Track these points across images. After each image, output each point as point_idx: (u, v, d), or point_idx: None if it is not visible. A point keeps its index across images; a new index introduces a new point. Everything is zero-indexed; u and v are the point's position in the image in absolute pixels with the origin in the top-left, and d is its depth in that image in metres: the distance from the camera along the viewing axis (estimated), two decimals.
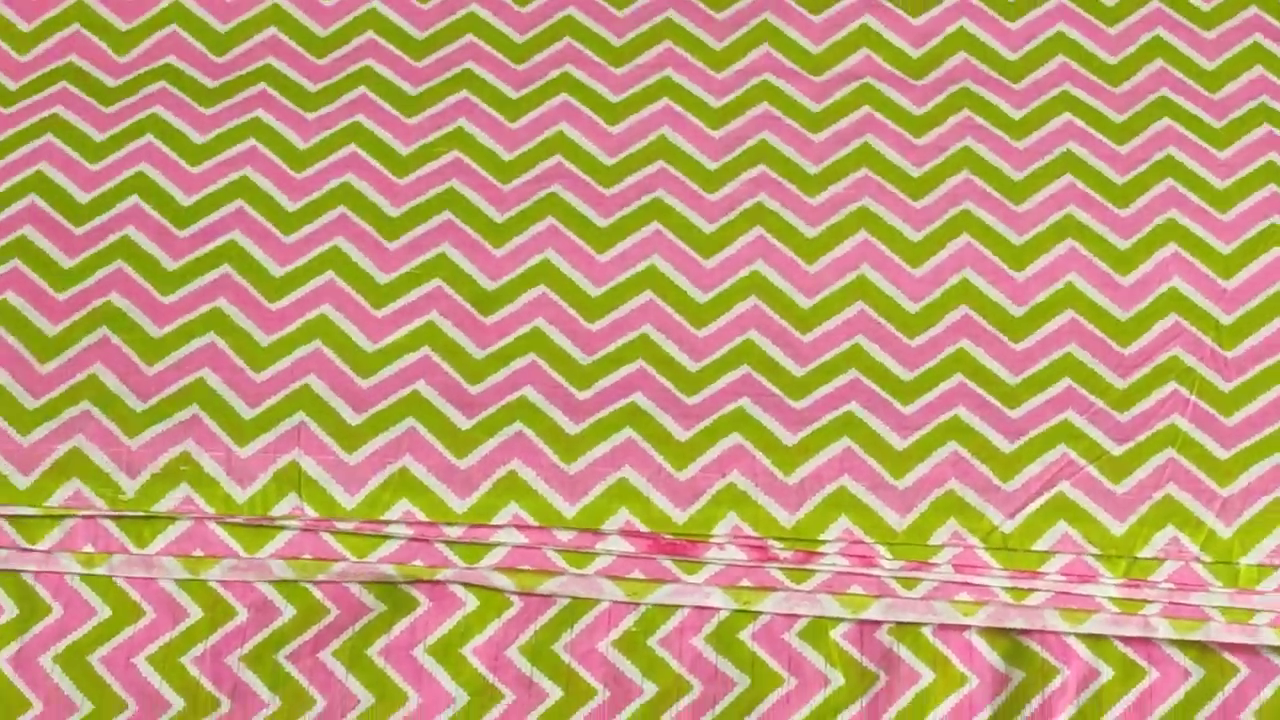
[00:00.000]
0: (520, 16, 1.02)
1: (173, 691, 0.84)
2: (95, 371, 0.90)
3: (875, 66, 1.00)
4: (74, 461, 0.88)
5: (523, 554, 0.87)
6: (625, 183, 0.97)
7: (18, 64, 1.01)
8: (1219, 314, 0.92)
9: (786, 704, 0.84)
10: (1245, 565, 0.85)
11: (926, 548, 0.86)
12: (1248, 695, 0.85)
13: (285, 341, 0.92)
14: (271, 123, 0.99)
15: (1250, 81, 1.00)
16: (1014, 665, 0.86)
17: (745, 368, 0.91)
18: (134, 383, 0.90)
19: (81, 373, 0.90)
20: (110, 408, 0.89)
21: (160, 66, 1.01)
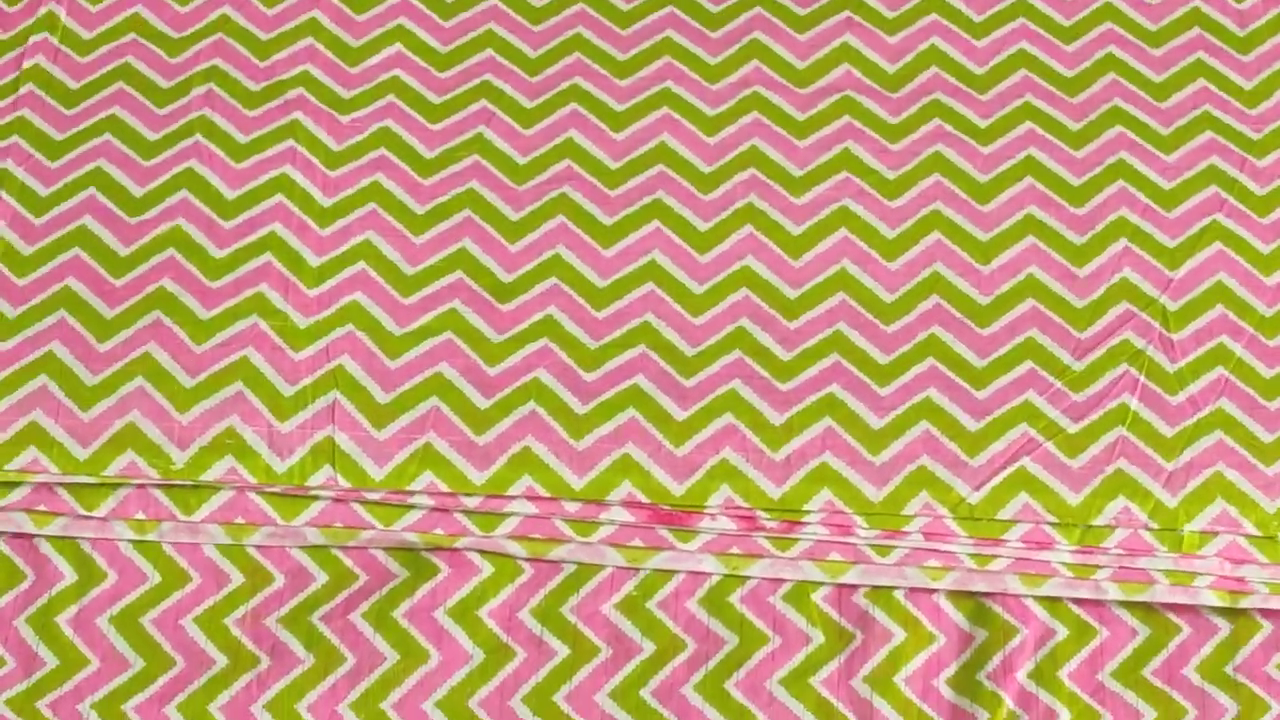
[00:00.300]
0: (534, 34, 1.04)
1: (217, 650, 0.87)
2: (149, 350, 0.93)
3: (855, 80, 1.03)
4: (129, 435, 0.91)
5: (534, 523, 0.90)
6: (628, 185, 0.99)
7: (78, 65, 1.03)
8: (1166, 301, 0.95)
9: (772, 661, 0.87)
10: (1188, 532, 0.89)
11: (900, 518, 0.90)
12: (1189, 652, 0.87)
13: (321, 325, 0.94)
14: (309, 125, 1.01)
15: (1194, 93, 1.02)
16: (978, 625, 0.88)
17: (737, 353, 0.94)
18: (184, 361, 0.92)
19: (136, 352, 0.93)
20: (162, 385, 0.92)
21: (208, 68, 1.03)
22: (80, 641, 0.88)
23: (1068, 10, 1.05)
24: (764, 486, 0.90)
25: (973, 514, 0.89)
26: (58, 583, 0.89)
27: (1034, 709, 0.87)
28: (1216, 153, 1.00)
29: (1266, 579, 0.89)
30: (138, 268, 0.96)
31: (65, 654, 0.87)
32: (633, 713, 0.86)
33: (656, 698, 0.87)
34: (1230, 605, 0.89)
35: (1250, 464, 0.91)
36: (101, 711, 0.86)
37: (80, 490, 0.90)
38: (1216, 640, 0.89)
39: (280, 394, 0.91)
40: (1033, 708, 0.87)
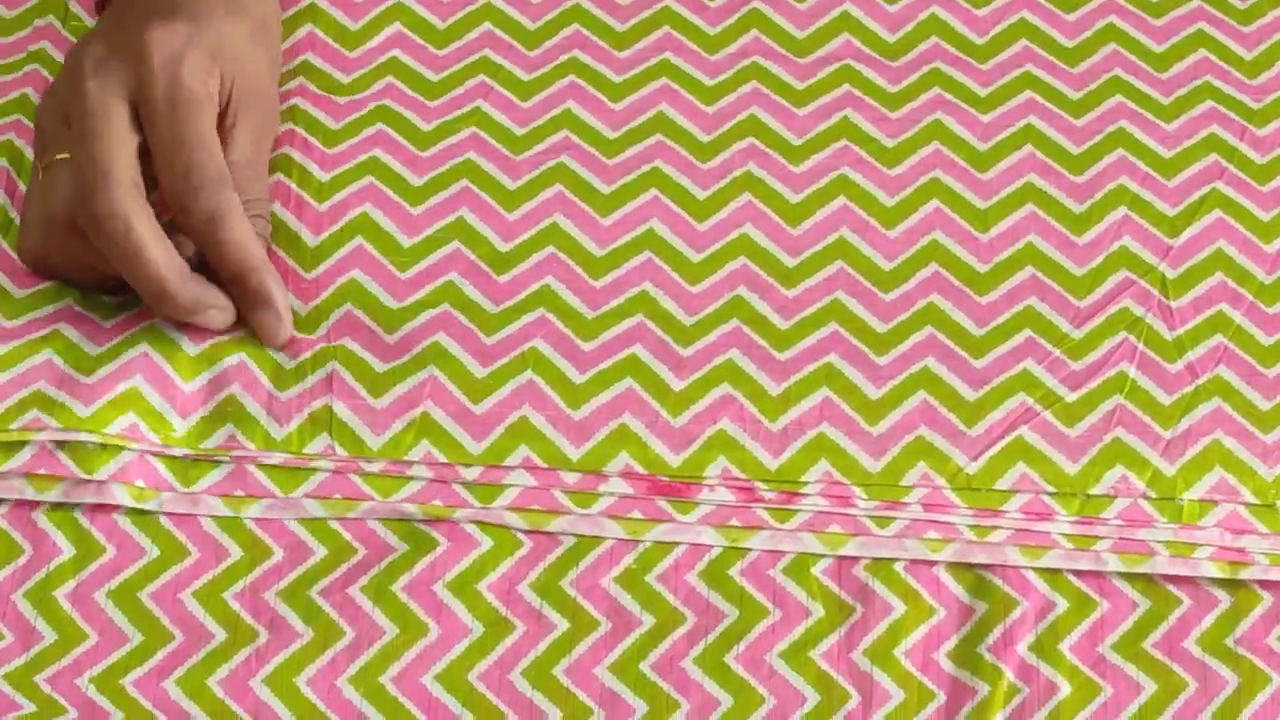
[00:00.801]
0: (532, 6, 1.03)
1: (216, 624, 0.86)
2: (156, 322, 0.92)
3: (854, 49, 1.02)
4: (131, 398, 0.89)
5: (533, 495, 0.89)
6: (626, 154, 0.98)
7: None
8: (1165, 268, 0.94)
9: (772, 634, 0.86)
10: (1188, 501, 0.88)
11: (898, 488, 0.89)
12: (1189, 625, 0.86)
13: (323, 306, 0.93)
14: (308, 109, 1.00)
15: (1195, 63, 1.01)
16: (978, 598, 0.87)
17: (735, 322, 0.93)
18: (188, 329, 0.91)
19: (141, 325, 0.92)
20: (167, 351, 0.91)
21: None
22: (78, 616, 0.87)
23: (1069, 29, 1.04)
24: (761, 457, 0.89)
25: (970, 484, 0.89)
26: (55, 557, 0.88)
27: (1035, 682, 0.85)
28: (1217, 121, 0.99)
29: (1266, 549, 0.88)
30: None
31: (63, 628, 0.86)
32: (632, 686, 0.85)
33: (656, 671, 0.86)
34: (1230, 577, 0.88)
35: (1248, 431, 0.90)
36: (100, 686, 0.85)
37: (80, 453, 0.88)
38: (1217, 613, 0.87)
39: (281, 366, 0.91)
40: (1033, 680, 0.86)
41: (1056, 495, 0.88)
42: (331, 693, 0.85)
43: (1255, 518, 0.88)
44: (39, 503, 0.89)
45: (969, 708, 0.85)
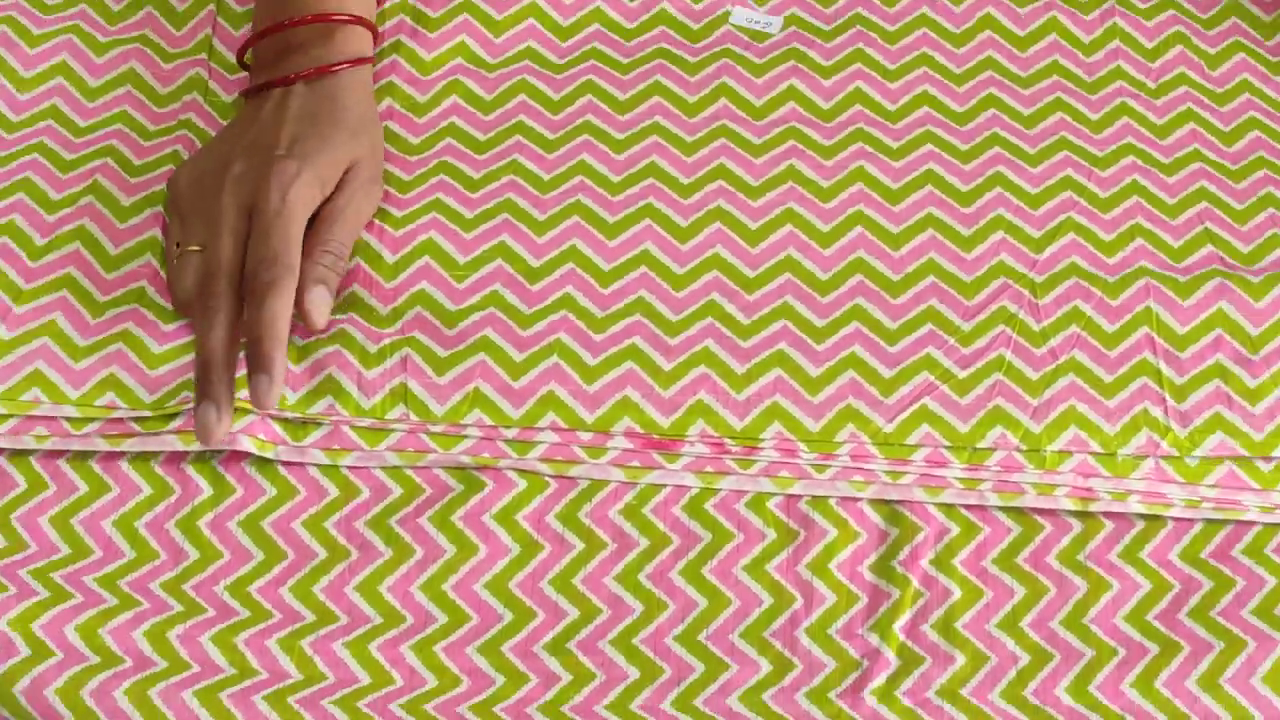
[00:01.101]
0: (555, 81, 1.02)
1: (319, 545, 0.86)
2: None
3: (799, 114, 1.01)
4: None
5: (556, 449, 0.88)
6: (626, 193, 0.97)
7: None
8: (1034, 276, 0.94)
9: (736, 553, 0.86)
10: (1049, 452, 0.87)
11: (833, 444, 0.88)
12: (1051, 545, 0.86)
13: (399, 309, 0.92)
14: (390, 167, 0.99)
15: (1055, 123, 1.01)
16: (891, 525, 0.87)
17: (709, 319, 0.93)
18: (296, 329, 0.90)
19: None
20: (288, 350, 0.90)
21: None
22: (215, 540, 0.86)
23: (959, 60, 1.04)
24: (729, 420, 0.89)
25: (887, 440, 0.88)
26: (198, 496, 0.87)
27: (934, 588, 0.85)
28: (1070, 166, 0.99)
29: (1109, 489, 0.87)
30: None
31: (204, 550, 0.86)
32: (632, 592, 0.85)
33: (650, 580, 0.85)
34: (1081, 509, 0.87)
35: (1096, 399, 0.89)
36: (231, 592, 0.84)
37: None
38: (1071, 536, 0.87)
39: (368, 352, 0.90)
40: (933, 587, 0.85)
41: (951, 449, 0.88)
42: (406, 597, 0.84)
43: (1100, 464, 0.88)
44: (185, 454, 0.88)
45: (885, 608, 0.84)
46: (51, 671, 0.80)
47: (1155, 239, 0.96)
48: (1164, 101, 1.02)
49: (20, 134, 0.99)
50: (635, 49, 1.04)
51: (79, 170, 0.98)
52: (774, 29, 1.04)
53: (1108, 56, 1.04)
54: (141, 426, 0.88)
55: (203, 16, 1.04)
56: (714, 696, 0.82)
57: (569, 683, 0.82)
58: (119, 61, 1.02)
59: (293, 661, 0.82)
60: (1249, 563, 0.86)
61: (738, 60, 1.03)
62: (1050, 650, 0.83)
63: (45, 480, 0.88)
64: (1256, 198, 0.98)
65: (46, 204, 0.97)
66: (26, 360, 0.90)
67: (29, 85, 1.01)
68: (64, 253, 0.95)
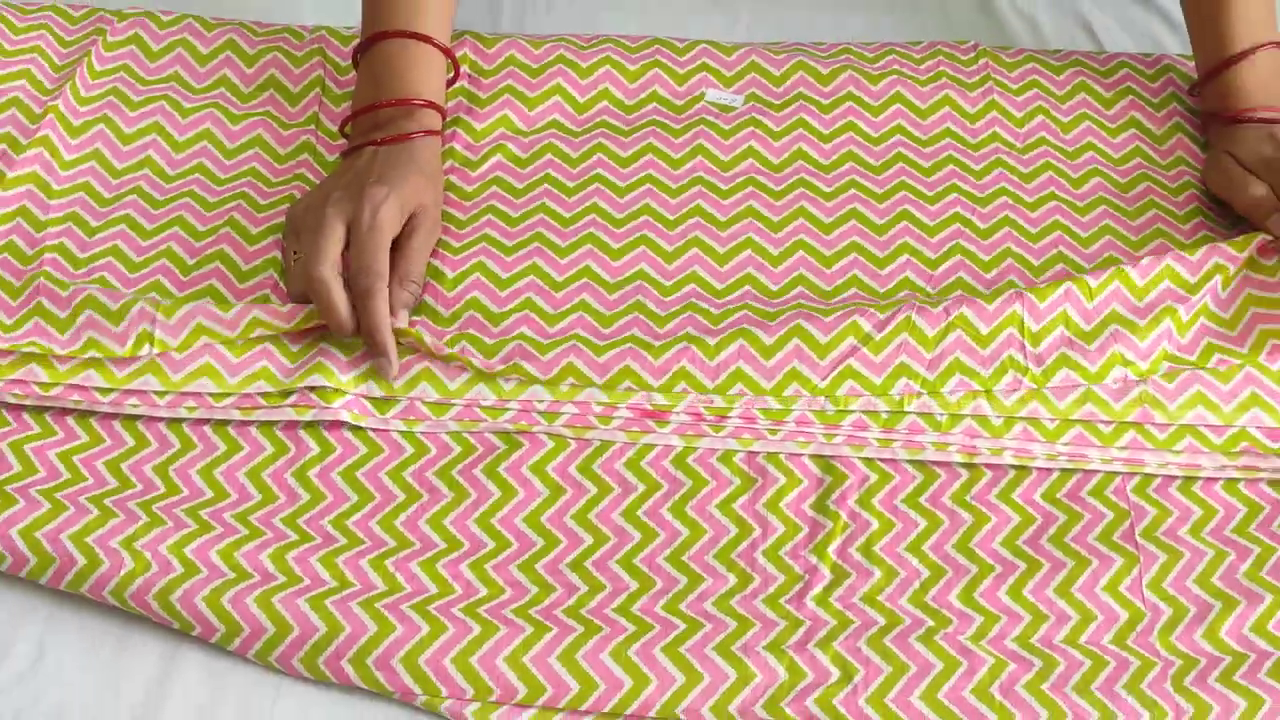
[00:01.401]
0: (573, 141, 1.02)
1: (399, 490, 0.85)
2: None
3: (755, 167, 1.00)
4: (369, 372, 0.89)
5: (576, 418, 0.88)
6: (627, 226, 0.97)
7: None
8: (930, 289, 0.94)
9: (710, 495, 0.86)
10: (946, 416, 0.88)
11: (784, 411, 0.88)
12: (945, 488, 0.87)
13: (457, 311, 0.93)
14: (449, 210, 0.99)
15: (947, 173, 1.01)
16: (826, 474, 0.87)
17: (690, 314, 0.93)
18: None
19: None
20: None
21: None
22: (321, 486, 0.86)
23: (876, 126, 1.04)
24: (704, 381, 0.88)
25: (821, 392, 0.88)
26: (308, 453, 0.87)
27: (858, 520, 0.85)
28: (959, 205, 0.99)
29: (989, 447, 0.87)
30: None
31: (313, 493, 0.86)
32: (633, 524, 0.85)
33: (645, 516, 0.85)
34: (968, 461, 0.87)
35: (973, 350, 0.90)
36: (333, 525, 0.84)
37: (323, 394, 0.87)
38: (960, 481, 0.87)
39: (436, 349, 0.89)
40: (857, 519, 0.85)
41: (872, 414, 0.87)
42: (463, 529, 0.84)
43: (982, 429, 0.87)
44: (298, 422, 0.88)
45: (821, 535, 0.84)
46: (199, 584, 0.80)
47: (1022, 259, 0.96)
48: (1029, 157, 1.02)
49: (175, 185, 0.99)
50: (634, 120, 1.03)
51: (219, 210, 0.98)
52: (738, 104, 1.04)
53: (987, 124, 1.04)
54: (266, 401, 0.88)
55: (311, 98, 1.04)
56: (694, 602, 0.82)
57: (585, 592, 0.82)
58: (249, 129, 1.03)
59: (379, 576, 0.82)
60: (1093, 501, 0.86)
61: (711, 127, 1.03)
62: (945, 567, 0.83)
63: (194, 441, 0.87)
64: (1099, 227, 0.98)
65: (195, 234, 0.97)
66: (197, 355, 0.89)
67: (182, 147, 1.01)
68: (208, 269, 0.95)
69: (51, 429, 0.87)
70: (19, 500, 0.83)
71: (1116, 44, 1.12)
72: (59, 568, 0.80)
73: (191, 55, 1.06)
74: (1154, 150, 1.03)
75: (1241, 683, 0.78)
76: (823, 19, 1.15)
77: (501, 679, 0.78)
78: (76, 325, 0.89)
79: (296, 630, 0.79)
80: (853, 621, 0.81)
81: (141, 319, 0.88)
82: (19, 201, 0.97)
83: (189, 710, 0.78)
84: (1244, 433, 0.88)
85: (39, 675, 0.79)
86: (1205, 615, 0.81)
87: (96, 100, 1.03)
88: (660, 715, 0.78)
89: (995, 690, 0.78)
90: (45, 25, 1.06)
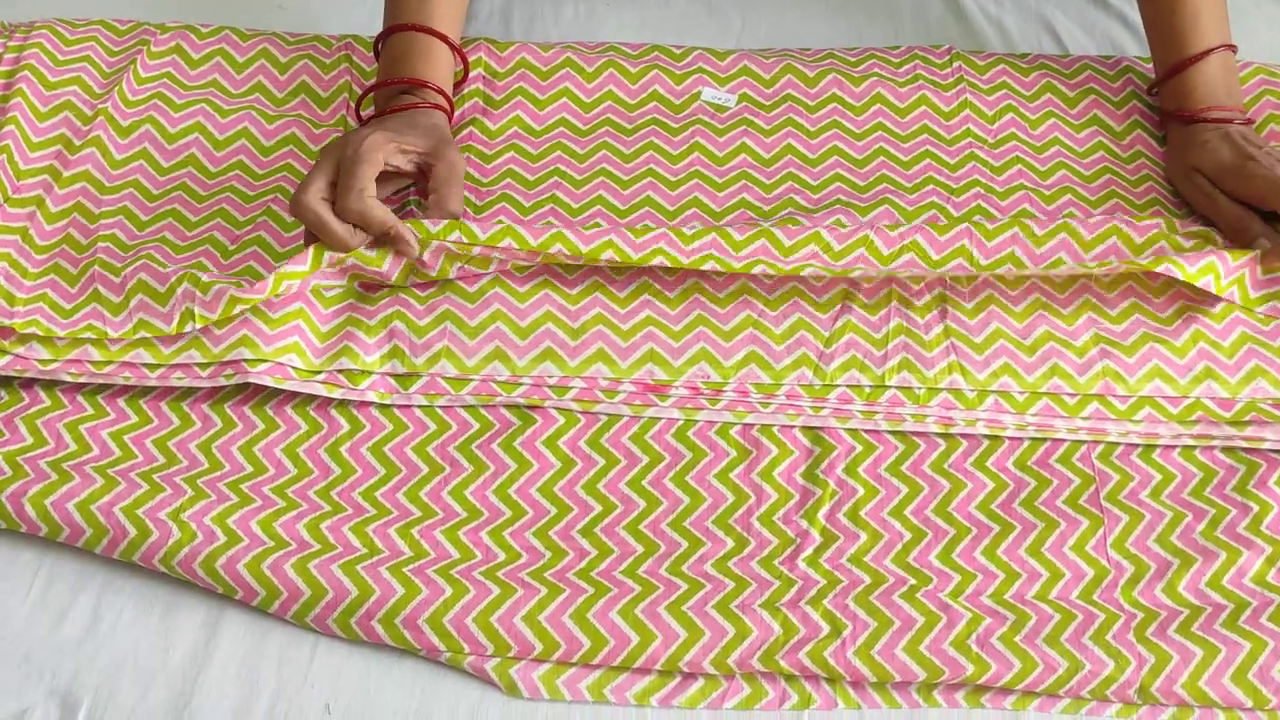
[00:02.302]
0: (580, 140, 1.00)
1: (422, 463, 0.85)
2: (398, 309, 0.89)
3: (748, 162, 0.99)
4: (393, 352, 0.87)
5: (584, 393, 0.87)
6: (631, 217, 0.96)
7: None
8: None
9: (709, 465, 0.85)
10: (923, 390, 0.86)
11: (775, 385, 0.86)
12: (925, 457, 0.86)
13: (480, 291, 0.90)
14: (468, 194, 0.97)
15: (923, 167, 0.99)
16: (815, 445, 0.86)
17: (696, 296, 0.91)
18: None
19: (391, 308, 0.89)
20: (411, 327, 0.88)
21: None
22: (352, 460, 0.85)
23: (858, 124, 1.02)
24: (721, 360, 0.88)
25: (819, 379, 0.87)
26: (339, 430, 0.86)
27: (845, 488, 0.84)
28: (935, 195, 0.97)
29: (963, 418, 0.86)
30: None
31: (344, 467, 0.85)
32: (638, 493, 0.84)
33: (650, 485, 0.84)
34: (944, 431, 0.86)
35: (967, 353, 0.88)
36: (363, 496, 0.83)
37: (351, 376, 0.86)
38: (938, 451, 0.86)
39: (468, 325, 0.88)
40: (844, 487, 0.84)
41: (855, 389, 0.86)
42: (483, 499, 0.83)
43: (957, 401, 0.86)
44: (330, 400, 0.87)
45: (811, 502, 0.83)
46: (241, 552, 0.79)
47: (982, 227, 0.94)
48: (999, 151, 1.00)
49: (216, 180, 0.98)
50: (636, 118, 1.02)
51: (257, 201, 0.97)
52: (731, 104, 1.02)
53: (961, 121, 1.02)
54: (298, 375, 0.86)
55: (340, 101, 1.03)
56: (695, 564, 0.81)
57: (595, 556, 0.81)
58: (283, 129, 1.01)
59: (406, 544, 0.81)
60: (1061, 468, 0.85)
61: (706, 126, 1.01)
62: (925, 530, 0.83)
63: (235, 420, 0.86)
64: (1062, 218, 0.96)
65: (235, 224, 0.95)
66: (235, 329, 0.87)
67: (222, 145, 1.00)
68: (247, 252, 0.93)
69: (104, 410, 0.86)
70: (75, 476, 0.82)
71: (1079, 46, 1.11)
72: (112, 538, 0.80)
73: (229, 63, 1.05)
74: (1115, 144, 1.01)
75: (1199, 633, 0.78)
76: (810, 25, 1.13)
77: (519, 636, 0.77)
78: (129, 309, 0.88)
79: (331, 594, 0.78)
80: (841, 581, 0.80)
81: (185, 299, 0.87)
82: (74, 199, 0.96)
83: (232, 668, 0.78)
84: (1199, 403, 0.87)
85: (95, 637, 0.79)
86: (1165, 572, 0.81)
87: (143, 103, 1.01)
88: (665, 668, 0.77)
89: (972, 642, 0.77)
90: (94, 37, 1.05)
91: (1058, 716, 0.77)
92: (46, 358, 0.86)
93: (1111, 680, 0.76)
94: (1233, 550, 0.81)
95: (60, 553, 0.82)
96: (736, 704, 0.77)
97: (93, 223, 0.95)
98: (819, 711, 0.77)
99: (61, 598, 0.80)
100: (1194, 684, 0.76)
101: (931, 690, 0.77)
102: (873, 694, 0.77)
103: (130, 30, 1.06)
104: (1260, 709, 0.76)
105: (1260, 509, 0.83)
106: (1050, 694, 0.77)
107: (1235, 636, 0.77)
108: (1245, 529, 0.82)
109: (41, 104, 1.00)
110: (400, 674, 0.78)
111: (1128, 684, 0.76)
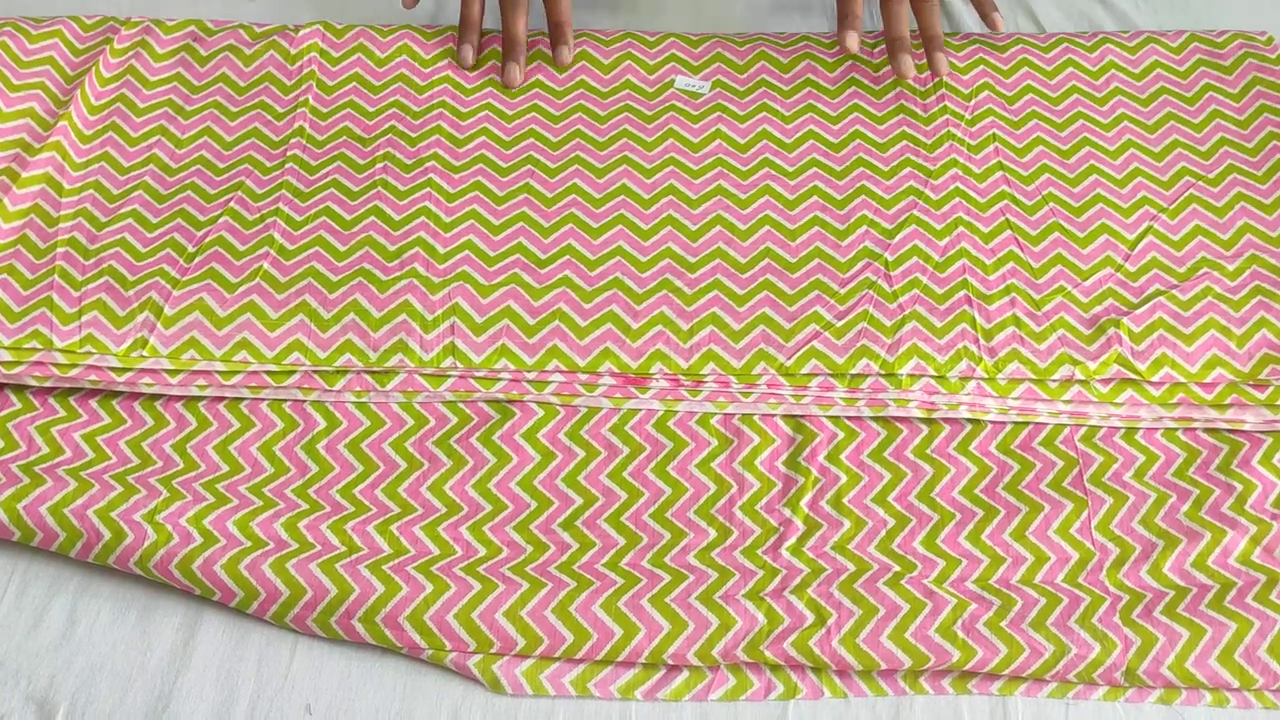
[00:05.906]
0: (554, 129, 1.01)
1: (401, 460, 0.85)
2: (357, 299, 0.89)
3: (723, 149, 0.99)
4: (347, 345, 0.88)
5: (564, 386, 0.87)
6: (605, 206, 0.96)
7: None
8: (887, 256, 0.92)
9: (690, 455, 0.85)
10: (903, 376, 0.86)
11: (752, 376, 0.87)
12: (908, 442, 0.86)
13: (445, 282, 0.91)
14: (439, 180, 0.97)
15: (900, 149, 0.99)
16: (797, 432, 0.86)
17: (664, 293, 0.91)
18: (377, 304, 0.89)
19: (350, 297, 0.90)
20: (366, 319, 0.88)
21: (383, 154, 0.99)
22: (329, 458, 0.85)
23: (834, 106, 1.03)
24: (679, 361, 0.87)
25: (789, 372, 0.87)
26: (315, 427, 0.86)
27: (827, 475, 0.84)
28: (913, 179, 0.98)
29: (945, 403, 0.87)
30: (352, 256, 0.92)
31: (321, 465, 0.85)
32: (620, 485, 0.84)
33: (631, 477, 0.84)
34: (927, 416, 0.87)
35: (930, 338, 0.88)
36: (341, 494, 0.83)
37: (325, 376, 0.87)
38: (921, 436, 0.86)
39: (425, 319, 0.88)
40: (827, 474, 0.84)
41: (834, 375, 0.86)
42: (463, 495, 0.83)
43: (938, 385, 0.87)
44: (305, 400, 0.87)
45: (794, 490, 0.84)
46: (218, 553, 0.79)
47: (972, 227, 0.95)
48: (976, 129, 1.01)
49: (177, 178, 0.98)
50: (609, 104, 1.02)
51: (218, 201, 0.96)
52: (705, 90, 1.03)
53: (937, 99, 1.03)
54: (272, 380, 0.87)
55: (304, 88, 1.03)
56: (678, 555, 0.81)
57: (577, 549, 0.81)
58: (246, 124, 1.01)
59: (385, 541, 0.81)
60: (1044, 451, 0.86)
61: (680, 113, 1.01)
62: (909, 516, 0.83)
63: (209, 419, 0.86)
64: (1043, 195, 0.97)
65: (195, 224, 0.95)
66: (186, 330, 0.88)
67: (184, 144, 1.00)
68: (208, 254, 0.93)
69: (76, 412, 0.86)
70: (48, 480, 0.82)
71: (1056, 26, 1.12)
72: (87, 541, 0.80)
73: (193, 57, 1.04)
74: (1095, 112, 1.02)
75: (1184, 614, 0.78)
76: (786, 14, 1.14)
77: (501, 632, 0.77)
78: (81, 321, 0.88)
79: (310, 593, 0.78)
80: (825, 569, 0.80)
81: (143, 327, 0.87)
82: (32, 200, 0.95)
83: (211, 669, 0.78)
84: (1180, 385, 0.87)
85: (71, 641, 0.79)
86: (1150, 553, 0.81)
87: (104, 109, 1.01)
88: (649, 660, 0.77)
89: (958, 628, 0.78)
90: (58, 32, 1.04)
91: (1044, 700, 0.77)
92: (8, 360, 0.87)
93: (1098, 663, 0.77)
94: (1217, 530, 0.82)
95: (34, 556, 0.82)
96: (722, 695, 0.77)
97: (51, 226, 0.94)
98: (805, 701, 0.77)
99: (36, 602, 0.80)
100: (1180, 665, 0.77)
101: (918, 677, 0.78)
102: (859, 682, 0.78)
103: (96, 26, 1.06)
104: (1247, 689, 0.77)
105: (1244, 488, 0.83)
106: (1037, 678, 0.77)
107: (1221, 617, 0.78)
108: (1229, 509, 0.83)
109: (5, 105, 1.00)
110: (382, 673, 0.78)
111: (1114, 666, 0.77)
